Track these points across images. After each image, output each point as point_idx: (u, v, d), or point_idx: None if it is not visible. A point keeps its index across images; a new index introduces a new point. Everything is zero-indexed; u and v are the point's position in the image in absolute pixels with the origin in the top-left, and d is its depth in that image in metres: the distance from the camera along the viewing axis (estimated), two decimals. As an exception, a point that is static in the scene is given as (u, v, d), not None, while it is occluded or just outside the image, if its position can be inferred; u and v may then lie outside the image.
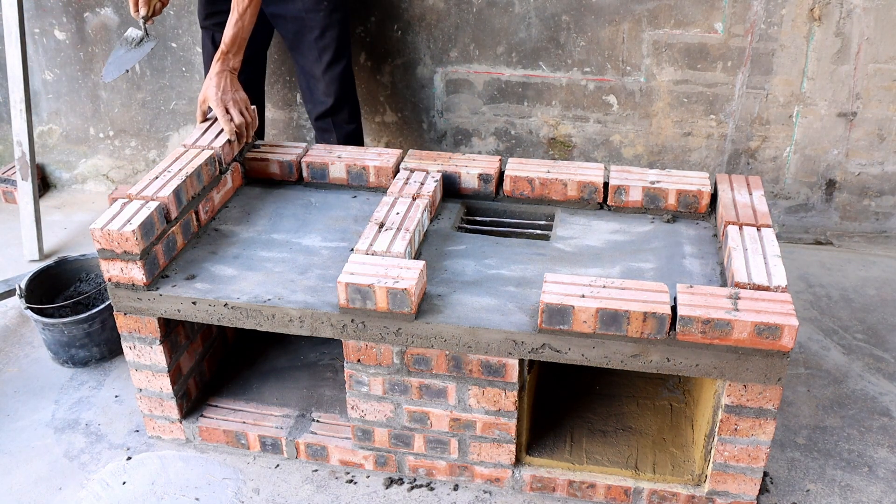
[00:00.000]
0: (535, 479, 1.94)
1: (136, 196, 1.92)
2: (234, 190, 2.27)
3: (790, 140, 2.88)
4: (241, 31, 2.23)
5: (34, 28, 3.20)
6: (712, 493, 1.85)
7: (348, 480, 2.00)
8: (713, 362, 1.65)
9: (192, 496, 1.96)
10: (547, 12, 2.82)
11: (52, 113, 3.39)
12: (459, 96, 3.03)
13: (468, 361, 1.78)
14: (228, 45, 2.23)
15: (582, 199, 2.16)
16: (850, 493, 1.96)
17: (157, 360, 1.98)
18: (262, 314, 1.82)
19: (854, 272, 2.82)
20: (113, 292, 1.89)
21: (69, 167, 3.51)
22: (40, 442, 2.14)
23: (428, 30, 2.93)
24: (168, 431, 2.11)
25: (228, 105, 2.23)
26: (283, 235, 2.08)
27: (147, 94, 3.27)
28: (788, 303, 1.63)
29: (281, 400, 2.15)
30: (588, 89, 2.93)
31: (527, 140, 3.07)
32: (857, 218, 2.98)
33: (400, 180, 2.14)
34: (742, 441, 1.75)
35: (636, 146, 3.00)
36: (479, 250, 2.01)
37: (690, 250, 1.98)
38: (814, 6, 2.64)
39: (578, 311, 1.64)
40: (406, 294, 1.70)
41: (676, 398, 2.12)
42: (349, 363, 1.85)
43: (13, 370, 2.41)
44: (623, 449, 1.97)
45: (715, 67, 2.80)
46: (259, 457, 2.07)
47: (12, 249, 3.06)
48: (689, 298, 1.64)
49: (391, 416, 1.91)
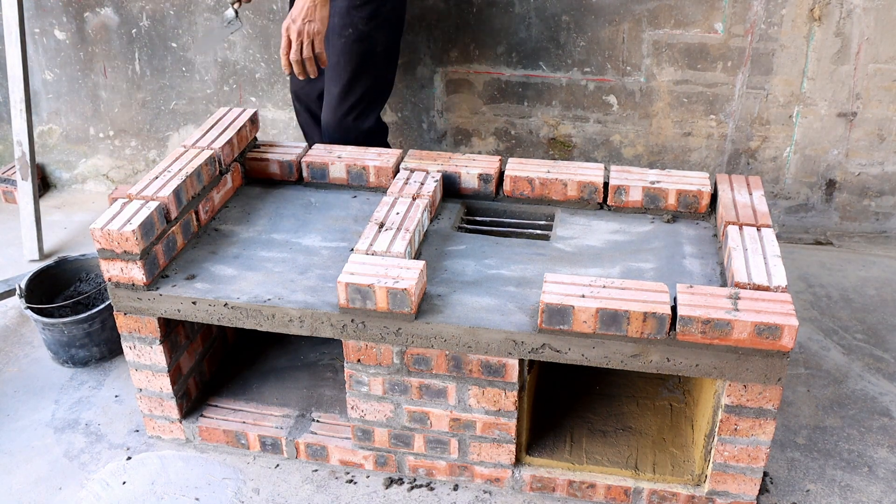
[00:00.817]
0: (535, 479, 1.94)
1: (136, 196, 1.92)
2: (234, 190, 2.27)
3: (790, 140, 2.88)
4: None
5: (34, 28, 3.20)
6: (712, 493, 1.85)
7: (348, 480, 2.00)
8: (713, 362, 1.65)
9: (192, 496, 1.96)
10: (547, 12, 2.82)
11: (52, 113, 3.40)
12: (459, 96, 3.03)
13: (468, 361, 1.78)
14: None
15: (582, 199, 2.16)
16: (850, 493, 1.96)
17: (157, 360, 1.98)
18: (262, 314, 1.82)
19: (854, 272, 2.82)
20: (113, 292, 1.89)
21: (69, 167, 3.51)
22: (40, 442, 2.15)
23: (428, 30, 2.93)
24: (168, 431, 2.11)
25: (292, 35, 2.13)
26: (283, 235, 2.08)
27: (147, 94, 3.28)
28: (788, 303, 1.63)
29: (281, 400, 2.15)
30: (588, 89, 2.93)
31: (527, 140, 3.07)
32: (857, 218, 2.98)
33: (400, 180, 2.14)
34: (742, 441, 1.75)
35: (636, 146, 3.00)
36: (479, 250, 2.01)
37: (690, 250, 1.98)
38: (814, 6, 2.64)
39: (578, 311, 1.64)
40: (406, 294, 1.70)
41: (676, 398, 2.13)
42: (349, 363, 1.85)
43: (13, 370, 2.41)
44: (623, 449, 1.97)
45: (715, 67, 2.80)
46: (259, 457, 2.07)
47: (12, 249, 3.06)
48: (689, 298, 1.64)
49: (391, 416, 1.91)
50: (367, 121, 2.48)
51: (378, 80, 2.46)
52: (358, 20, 2.32)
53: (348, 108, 2.43)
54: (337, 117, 2.45)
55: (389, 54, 2.46)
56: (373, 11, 2.32)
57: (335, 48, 2.36)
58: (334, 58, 2.37)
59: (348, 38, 2.33)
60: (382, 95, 2.54)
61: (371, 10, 2.31)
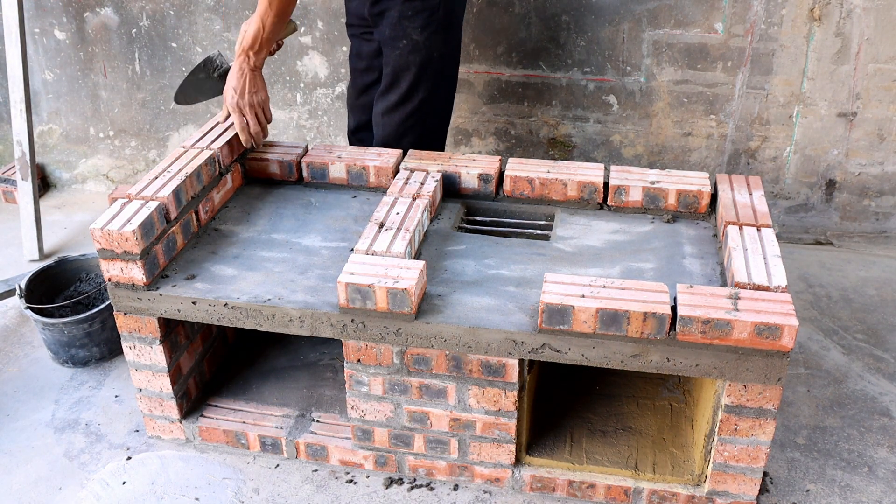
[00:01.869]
0: (535, 479, 1.94)
1: (136, 196, 1.92)
2: (234, 190, 2.27)
3: (790, 140, 2.88)
4: (262, 31, 2.09)
5: (34, 28, 3.20)
6: (712, 493, 1.85)
7: (348, 480, 2.00)
8: (713, 362, 1.65)
9: (192, 496, 1.96)
10: (547, 12, 2.82)
11: (52, 113, 3.40)
12: (459, 96, 3.03)
13: (468, 361, 1.78)
14: (249, 43, 2.11)
15: (582, 199, 2.16)
16: (850, 493, 1.96)
17: (157, 360, 1.98)
18: (262, 314, 1.82)
19: (854, 272, 2.82)
20: (113, 292, 1.89)
21: (69, 167, 3.51)
22: (40, 442, 2.15)
23: (428, 30, 2.93)
24: (168, 431, 2.11)
25: (245, 110, 2.16)
26: (283, 235, 2.08)
27: (147, 94, 3.28)
28: (788, 303, 1.63)
29: (281, 400, 2.15)
30: (588, 89, 2.93)
31: (527, 140, 3.07)
32: (857, 218, 2.98)
33: (400, 180, 2.14)
34: (742, 441, 1.75)
35: (636, 146, 3.00)
36: (479, 250, 2.01)
37: (690, 250, 1.98)
38: (814, 6, 2.64)
39: (578, 311, 1.64)
40: (406, 294, 1.70)
41: (676, 398, 2.13)
42: (349, 363, 1.85)
43: (13, 370, 2.41)
44: (623, 449, 1.97)
45: (715, 67, 2.80)
46: (259, 457, 2.07)
47: (12, 249, 3.06)
48: (689, 298, 1.64)
49: (391, 416, 1.91)
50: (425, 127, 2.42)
51: (437, 87, 2.38)
52: (411, 30, 2.25)
53: (406, 115, 2.38)
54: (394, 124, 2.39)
55: (449, 59, 2.38)
56: (426, 20, 2.24)
57: (389, 60, 2.32)
58: (390, 69, 2.33)
59: (403, 49, 2.28)
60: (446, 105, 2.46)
61: (424, 20, 2.24)
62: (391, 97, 2.37)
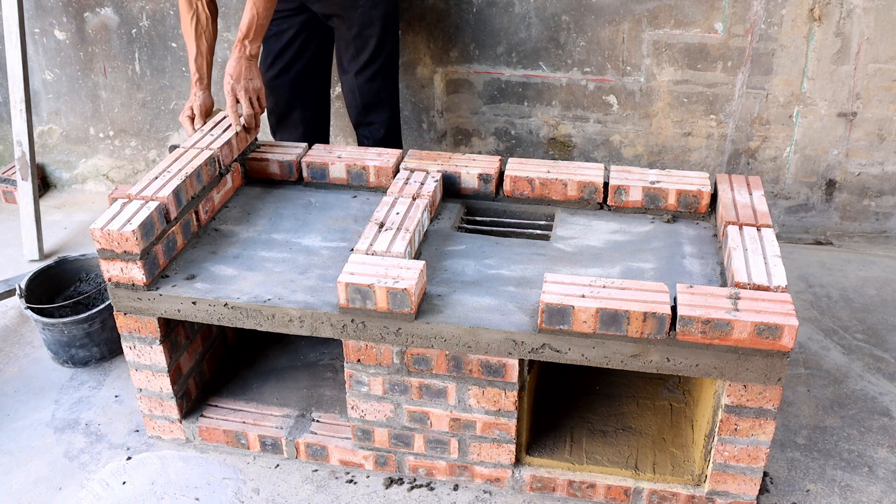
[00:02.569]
0: (535, 479, 1.94)
1: (136, 196, 1.92)
2: (234, 190, 2.27)
3: (790, 140, 2.88)
4: (257, 18, 2.21)
5: (34, 28, 3.20)
6: (712, 493, 1.85)
7: (348, 480, 2.00)
8: (713, 362, 1.65)
9: (192, 496, 1.96)
10: (547, 12, 2.82)
11: (52, 113, 3.40)
12: (459, 96, 3.03)
13: (468, 361, 1.78)
14: (245, 31, 2.22)
15: (582, 199, 2.16)
16: (850, 493, 1.96)
17: (157, 360, 1.98)
18: (262, 314, 1.82)
19: (854, 272, 2.82)
20: (113, 292, 1.89)
21: (69, 167, 3.51)
22: (40, 442, 2.15)
23: (428, 30, 2.93)
24: (168, 431, 2.11)
25: (239, 94, 2.24)
26: (283, 235, 2.08)
27: (147, 94, 3.28)
28: (788, 303, 1.63)
29: (281, 400, 2.15)
30: (588, 89, 2.93)
31: (527, 140, 3.07)
32: (857, 218, 2.98)
33: (400, 180, 2.14)
34: (742, 441, 1.75)
35: (636, 146, 3.00)
36: (479, 250, 2.01)
37: (690, 250, 1.98)
38: (814, 6, 2.64)
39: (578, 311, 1.64)
40: (406, 294, 1.70)
41: (676, 398, 2.13)
42: (349, 363, 1.85)
43: (13, 370, 2.41)
44: (623, 449, 1.97)
45: (715, 67, 2.80)
46: (259, 457, 2.07)
47: (12, 249, 3.06)
48: (689, 298, 1.64)
49: (391, 416, 1.91)
50: (395, 83, 2.74)
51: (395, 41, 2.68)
52: None
53: (377, 71, 2.62)
54: (369, 81, 2.62)
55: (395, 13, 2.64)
56: None
57: (353, 20, 2.53)
58: (356, 28, 2.54)
59: (364, 5, 2.51)
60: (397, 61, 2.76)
61: None
62: (363, 56, 2.58)
